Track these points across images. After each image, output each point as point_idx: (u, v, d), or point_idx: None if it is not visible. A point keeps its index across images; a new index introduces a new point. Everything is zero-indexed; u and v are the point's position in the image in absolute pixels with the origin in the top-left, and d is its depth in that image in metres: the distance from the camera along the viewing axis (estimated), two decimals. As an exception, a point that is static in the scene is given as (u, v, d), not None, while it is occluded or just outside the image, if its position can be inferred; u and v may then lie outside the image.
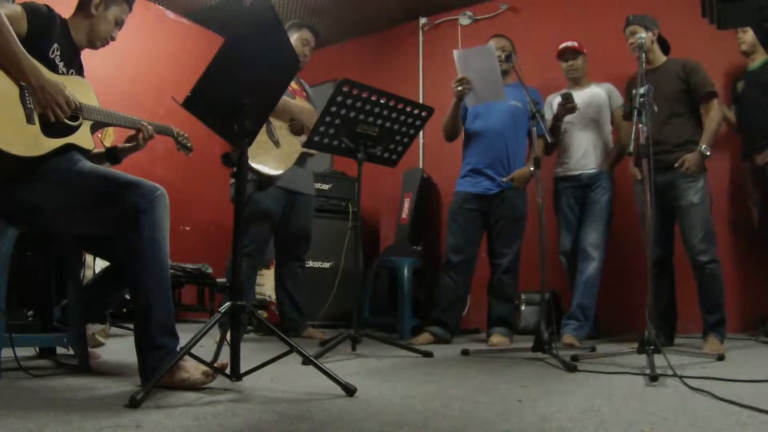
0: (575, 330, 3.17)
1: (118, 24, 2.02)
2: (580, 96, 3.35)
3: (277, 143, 3.11)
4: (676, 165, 2.92)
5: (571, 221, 3.46)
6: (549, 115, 3.49)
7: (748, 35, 3.32)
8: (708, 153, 2.87)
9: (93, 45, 2.00)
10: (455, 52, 3.01)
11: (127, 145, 2.11)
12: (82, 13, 1.96)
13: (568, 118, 3.37)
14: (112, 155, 2.12)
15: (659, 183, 2.95)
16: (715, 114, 2.93)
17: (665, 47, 3.15)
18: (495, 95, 3.00)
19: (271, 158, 3.06)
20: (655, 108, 2.96)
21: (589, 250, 3.29)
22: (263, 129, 3.07)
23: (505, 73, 3.10)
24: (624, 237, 3.58)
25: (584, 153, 3.47)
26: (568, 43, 3.60)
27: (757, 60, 3.34)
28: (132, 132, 2.11)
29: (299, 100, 3.27)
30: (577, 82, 3.60)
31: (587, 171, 3.45)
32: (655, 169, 2.93)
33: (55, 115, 1.72)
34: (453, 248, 3.26)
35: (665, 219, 3.03)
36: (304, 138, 3.01)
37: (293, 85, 3.36)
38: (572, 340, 3.08)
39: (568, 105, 3.16)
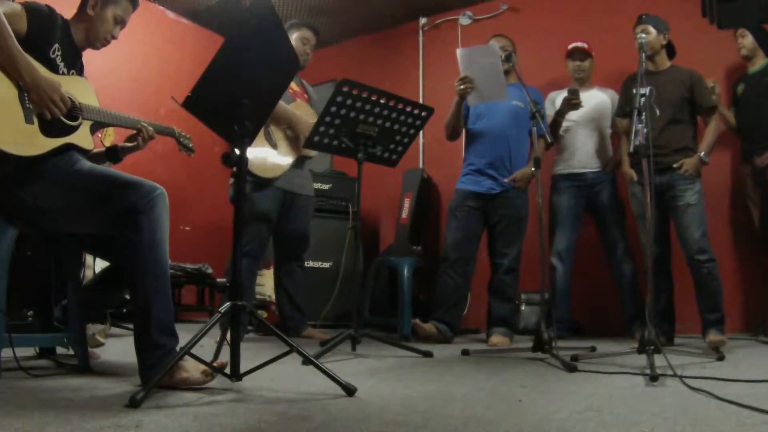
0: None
1: (119, 23, 1.99)
2: (585, 97, 3.35)
3: (274, 146, 3.11)
4: (675, 165, 2.99)
5: (571, 221, 3.47)
6: (551, 112, 3.49)
7: (747, 40, 3.32)
8: (707, 160, 3.01)
9: (93, 45, 1.98)
10: (458, 51, 3.01)
11: (128, 144, 2.12)
12: (81, 13, 1.95)
13: (572, 116, 3.38)
14: (113, 154, 2.12)
15: (657, 184, 2.99)
16: (715, 127, 3.11)
17: (671, 52, 3.17)
18: (497, 94, 3.00)
19: (267, 160, 3.06)
20: (657, 111, 2.98)
21: (626, 256, 3.39)
22: (261, 131, 3.07)
23: (505, 72, 3.11)
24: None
25: (588, 152, 3.50)
26: (579, 44, 3.60)
27: (758, 63, 3.34)
28: (132, 132, 2.11)
29: (300, 103, 3.26)
30: (583, 83, 3.60)
31: (592, 170, 3.48)
32: (654, 170, 2.98)
33: (51, 113, 1.70)
34: (451, 245, 3.25)
35: (662, 219, 3.09)
36: (302, 141, 3.01)
37: (294, 86, 3.34)
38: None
39: (573, 101, 3.17)
